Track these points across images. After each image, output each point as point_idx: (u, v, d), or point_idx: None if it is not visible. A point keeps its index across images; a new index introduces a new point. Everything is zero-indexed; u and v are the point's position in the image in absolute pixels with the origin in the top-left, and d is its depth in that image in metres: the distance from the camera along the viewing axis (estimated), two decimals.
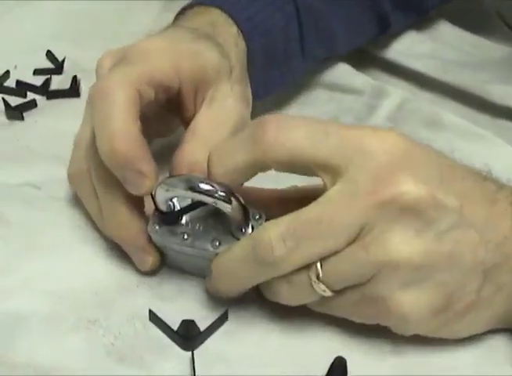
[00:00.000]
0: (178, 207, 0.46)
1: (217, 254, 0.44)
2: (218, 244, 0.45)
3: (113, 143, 0.44)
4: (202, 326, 0.44)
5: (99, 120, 0.45)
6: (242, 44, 0.56)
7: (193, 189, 0.43)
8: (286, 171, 0.42)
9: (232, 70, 0.52)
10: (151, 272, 0.48)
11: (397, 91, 0.67)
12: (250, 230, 0.44)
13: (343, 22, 0.66)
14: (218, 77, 0.51)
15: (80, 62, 0.70)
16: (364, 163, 0.39)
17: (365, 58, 0.73)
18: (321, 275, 0.40)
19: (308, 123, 0.41)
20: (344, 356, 0.43)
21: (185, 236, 0.45)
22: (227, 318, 0.45)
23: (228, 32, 0.55)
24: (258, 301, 0.46)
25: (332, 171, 0.40)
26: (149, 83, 0.47)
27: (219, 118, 0.50)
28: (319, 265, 0.40)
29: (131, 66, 0.47)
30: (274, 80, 0.61)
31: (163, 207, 0.45)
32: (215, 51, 0.51)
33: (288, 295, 0.42)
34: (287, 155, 0.40)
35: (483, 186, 0.42)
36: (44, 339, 0.44)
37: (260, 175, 0.43)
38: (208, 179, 0.43)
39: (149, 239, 0.47)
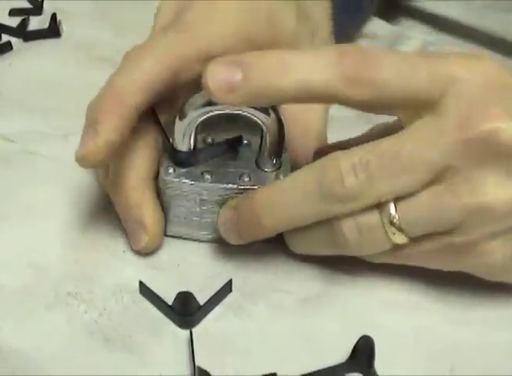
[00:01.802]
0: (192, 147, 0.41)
1: (246, 189, 0.40)
2: (247, 179, 0.40)
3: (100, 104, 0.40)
4: (201, 298, 0.39)
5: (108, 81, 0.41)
6: None
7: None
8: (363, 109, 0.38)
9: (317, 30, 0.48)
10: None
11: (417, 35, 0.63)
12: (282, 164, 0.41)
13: None
14: (295, 43, 0.47)
15: (61, 2, 0.65)
16: (454, 96, 0.36)
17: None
18: (396, 218, 0.36)
19: (393, 57, 0.37)
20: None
21: (207, 176, 0.41)
22: (231, 290, 0.40)
23: None
24: (269, 267, 0.41)
25: (419, 107, 0.37)
26: (199, 57, 0.41)
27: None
28: (392, 206, 0.36)
29: (183, 33, 0.43)
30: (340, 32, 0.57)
31: (180, 143, 0.40)
32: (293, 13, 0.47)
33: (354, 241, 0.38)
34: (374, 93, 0.36)
35: None
36: (16, 318, 0.39)
37: None
38: None
39: None
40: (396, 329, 0.39)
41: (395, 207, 0.36)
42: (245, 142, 0.43)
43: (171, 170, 0.41)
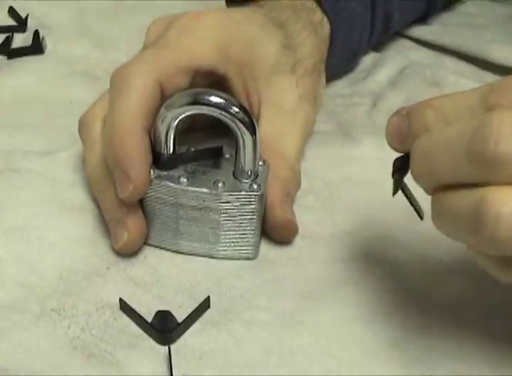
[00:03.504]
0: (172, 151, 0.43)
1: (218, 195, 0.41)
2: (221, 184, 0.42)
3: (114, 137, 0.41)
4: (180, 314, 0.39)
5: (111, 106, 0.43)
6: (324, 31, 0.53)
7: (201, 102, 0.40)
8: None
9: (301, 61, 0.49)
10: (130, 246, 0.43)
11: (398, 59, 0.64)
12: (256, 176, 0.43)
13: (400, 5, 0.63)
14: (275, 69, 0.48)
15: (45, 19, 0.67)
16: None
17: None
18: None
19: None
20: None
21: (183, 179, 0.42)
22: (209, 306, 0.41)
23: (310, 19, 0.52)
24: (244, 285, 0.42)
25: None
26: (180, 71, 0.44)
27: (284, 126, 0.48)
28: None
29: (164, 50, 0.44)
30: (338, 69, 0.59)
31: (160, 145, 0.42)
32: (276, 41, 0.48)
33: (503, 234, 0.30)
34: None
35: None
36: (2, 333, 0.39)
37: None
38: (220, 92, 0.40)
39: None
40: (371, 342, 0.39)
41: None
42: (227, 156, 0.44)
43: (150, 171, 0.42)
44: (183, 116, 0.41)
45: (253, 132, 0.41)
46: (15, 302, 0.40)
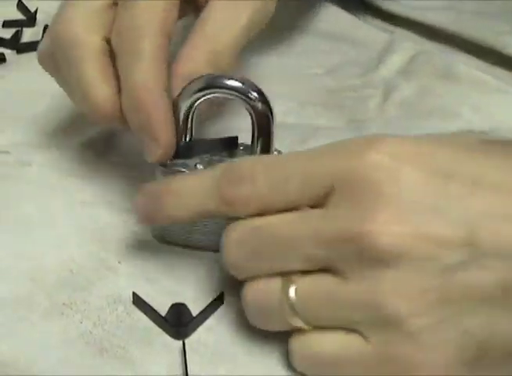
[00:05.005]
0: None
1: None
2: None
3: (138, 103, 0.40)
4: (193, 309, 0.39)
5: (125, 72, 0.41)
6: None
7: (217, 85, 0.39)
8: None
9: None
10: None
11: (409, 44, 0.63)
12: None
13: None
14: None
15: (54, 13, 0.64)
16: (339, 195, 0.34)
17: (368, 11, 0.69)
18: (293, 299, 0.34)
19: (266, 171, 0.36)
20: None
21: (200, 166, 0.42)
22: (223, 301, 0.40)
23: None
24: None
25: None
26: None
27: (231, 13, 0.45)
28: (292, 289, 0.34)
29: None
30: None
31: (177, 134, 0.41)
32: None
33: (252, 307, 0.37)
34: (251, 210, 0.36)
35: None
36: (10, 328, 0.39)
37: None
38: (238, 76, 0.40)
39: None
40: None
41: (295, 290, 0.34)
42: (241, 147, 0.43)
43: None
44: (199, 101, 0.40)
45: (269, 116, 0.40)
46: (25, 296, 0.40)
